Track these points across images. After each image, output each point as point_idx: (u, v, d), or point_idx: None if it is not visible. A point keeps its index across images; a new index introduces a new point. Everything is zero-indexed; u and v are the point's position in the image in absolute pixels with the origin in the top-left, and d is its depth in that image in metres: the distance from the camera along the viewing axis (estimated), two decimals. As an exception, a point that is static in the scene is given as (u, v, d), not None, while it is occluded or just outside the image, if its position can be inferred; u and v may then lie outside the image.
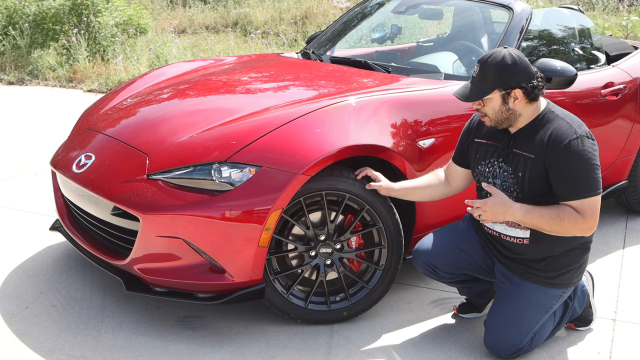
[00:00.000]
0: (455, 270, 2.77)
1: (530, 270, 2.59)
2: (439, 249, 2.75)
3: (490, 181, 2.61)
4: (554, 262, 2.57)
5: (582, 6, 11.11)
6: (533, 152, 2.48)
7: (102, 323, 2.88)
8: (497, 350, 2.64)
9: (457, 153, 2.80)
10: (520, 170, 2.50)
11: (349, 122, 2.84)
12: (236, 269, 2.65)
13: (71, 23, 8.58)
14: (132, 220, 2.71)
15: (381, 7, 4.48)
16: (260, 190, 2.61)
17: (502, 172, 2.56)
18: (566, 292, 2.63)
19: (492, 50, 2.51)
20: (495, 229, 2.63)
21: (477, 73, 2.49)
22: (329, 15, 10.49)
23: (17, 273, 3.31)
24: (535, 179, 2.47)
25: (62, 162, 3.13)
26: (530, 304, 2.58)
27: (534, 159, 2.47)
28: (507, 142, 2.56)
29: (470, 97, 2.50)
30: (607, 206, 4.43)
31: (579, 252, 2.59)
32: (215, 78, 3.60)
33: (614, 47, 4.44)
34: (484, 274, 2.78)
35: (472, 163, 2.70)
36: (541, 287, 2.58)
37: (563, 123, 2.47)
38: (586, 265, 2.65)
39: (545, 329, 2.68)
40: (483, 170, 2.64)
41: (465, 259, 2.74)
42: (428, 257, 2.76)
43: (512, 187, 2.53)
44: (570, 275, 2.60)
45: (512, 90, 2.45)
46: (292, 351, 2.71)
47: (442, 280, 2.84)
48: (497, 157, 2.59)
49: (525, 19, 3.56)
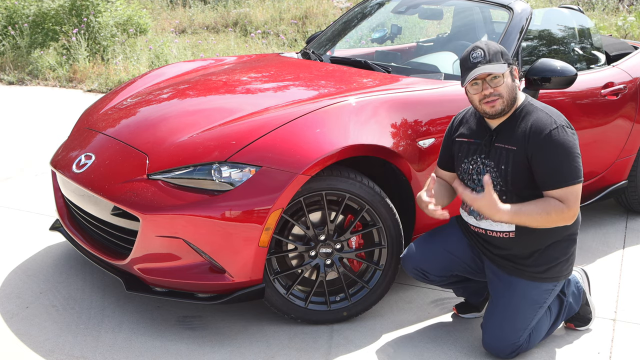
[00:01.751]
0: (445, 273, 2.79)
1: (519, 266, 2.61)
2: (427, 253, 2.77)
3: (475, 178, 2.62)
4: (541, 256, 2.59)
5: (582, 6, 11.11)
6: (515, 144, 2.51)
7: (102, 323, 2.88)
8: (496, 350, 2.65)
9: (442, 157, 2.81)
10: (502, 163, 2.53)
11: (349, 122, 2.84)
12: (236, 269, 2.65)
13: (71, 23, 8.58)
14: (132, 220, 2.71)
15: (381, 7, 4.48)
16: (260, 190, 2.61)
17: (485, 167, 2.59)
18: (558, 286, 2.65)
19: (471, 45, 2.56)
20: (480, 226, 2.64)
21: (484, 55, 2.48)
22: (329, 15, 10.49)
23: (17, 273, 3.31)
24: (518, 171, 2.51)
25: (62, 162, 3.13)
26: (523, 301, 2.60)
27: (516, 151, 2.51)
28: (489, 137, 2.59)
29: (498, 69, 2.47)
30: (607, 206, 4.43)
31: (565, 245, 2.62)
32: (215, 78, 3.60)
33: (614, 47, 4.44)
34: (474, 274, 2.79)
35: (456, 162, 2.72)
36: (532, 282, 2.60)
37: (542, 114, 2.52)
38: (574, 257, 2.68)
39: (542, 326, 2.68)
40: (467, 168, 2.65)
41: (454, 261, 2.75)
42: (417, 262, 2.78)
43: (496, 181, 2.56)
44: (559, 269, 2.62)
45: (511, 66, 2.54)
46: (292, 351, 2.71)
47: (434, 283, 2.85)
48: (480, 154, 2.61)
49: (525, 19, 3.56)
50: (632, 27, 9.32)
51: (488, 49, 2.50)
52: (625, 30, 9.32)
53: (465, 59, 2.53)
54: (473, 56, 2.50)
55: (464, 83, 2.52)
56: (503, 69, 2.49)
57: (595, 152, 3.78)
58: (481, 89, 2.51)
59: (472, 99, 2.56)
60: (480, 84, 2.51)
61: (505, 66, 2.49)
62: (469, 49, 2.53)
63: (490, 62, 2.48)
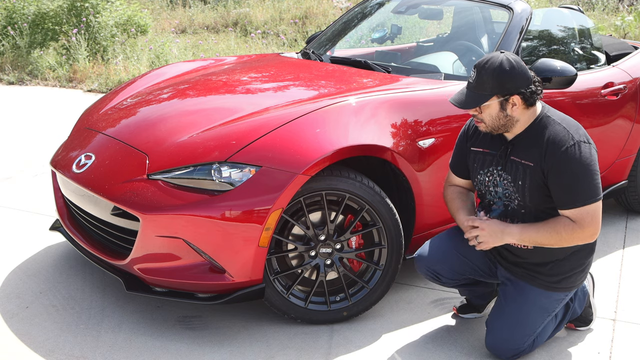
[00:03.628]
0: (457, 276, 2.76)
1: (534, 274, 2.58)
2: (441, 256, 2.73)
3: (492, 190, 2.59)
4: (558, 266, 2.55)
5: (582, 6, 11.11)
6: (531, 159, 2.45)
7: (102, 323, 2.88)
8: (499, 351, 2.64)
9: (455, 162, 2.75)
10: (520, 179, 2.48)
11: (349, 122, 2.84)
12: (236, 269, 2.65)
13: (71, 23, 8.58)
14: (132, 220, 2.71)
15: (381, 7, 4.48)
16: (260, 190, 2.61)
17: (502, 180, 2.54)
18: (569, 295, 2.63)
19: (489, 54, 2.46)
20: None
21: (473, 79, 2.43)
22: (329, 15, 10.49)
23: (17, 273, 3.31)
24: (536, 187, 2.46)
25: (62, 162, 3.13)
26: (534, 308, 2.58)
27: (533, 167, 2.44)
28: (505, 150, 2.53)
29: (467, 104, 2.44)
30: (607, 206, 4.43)
31: (583, 255, 2.57)
32: (215, 78, 3.60)
33: (614, 47, 4.44)
34: (486, 277, 2.77)
35: (472, 172, 2.68)
36: (544, 291, 2.57)
37: (559, 128, 2.44)
38: (590, 267, 2.65)
39: (546, 331, 2.67)
40: (483, 180, 2.61)
41: (467, 264, 2.73)
42: (430, 264, 2.75)
43: (514, 196, 2.52)
44: (574, 279, 2.59)
45: (510, 97, 2.41)
46: (292, 351, 2.71)
47: (446, 285, 2.83)
48: (496, 166, 2.56)
49: (525, 19, 3.56)
50: (630, 26, 9.32)
51: (481, 75, 2.40)
52: (624, 30, 9.32)
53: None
54: (471, 73, 2.46)
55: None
56: (479, 101, 2.41)
57: (595, 152, 3.77)
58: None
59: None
60: None
61: (485, 98, 2.40)
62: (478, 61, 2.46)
63: (472, 90, 2.43)
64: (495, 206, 2.61)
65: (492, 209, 2.61)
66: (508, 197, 2.54)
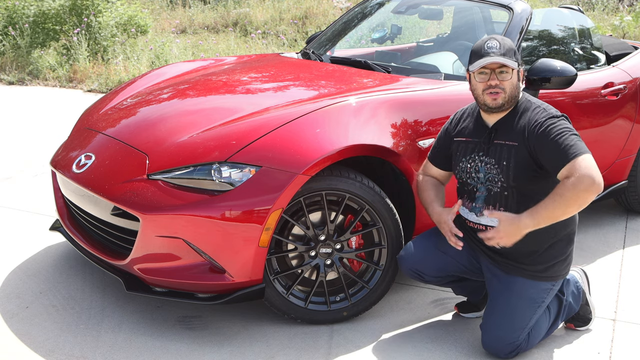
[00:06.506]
0: (440, 273, 2.80)
1: (517, 264, 2.62)
2: (423, 254, 2.77)
3: (474, 175, 2.64)
4: (540, 256, 2.60)
5: (582, 6, 11.11)
6: (515, 139, 2.54)
7: (102, 323, 2.88)
8: (495, 350, 2.65)
9: (436, 154, 2.82)
10: (504, 159, 2.55)
11: (349, 122, 2.84)
12: (236, 269, 2.65)
13: (71, 23, 8.58)
14: (132, 220, 2.71)
15: (381, 7, 4.48)
16: (260, 190, 2.61)
17: (483, 165, 2.60)
18: (556, 286, 2.66)
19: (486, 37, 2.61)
20: (481, 222, 2.63)
21: (500, 46, 2.53)
22: (329, 15, 10.49)
23: (17, 273, 3.31)
24: (521, 167, 2.52)
25: (62, 162, 3.13)
26: (521, 300, 2.60)
27: (517, 146, 2.53)
28: (488, 135, 2.61)
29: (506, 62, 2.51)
30: (607, 206, 4.43)
31: (563, 244, 2.63)
32: (215, 78, 3.60)
33: (614, 47, 4.44)
34: (470, 274, 2.80)
35: (454, 161, 2.74)
36: (530, 281, 2.61)
37: (538, 109, 2.57)
38: (572, 258, 2.69)
39: (541, 326, 2.68)
40: (464, 167, 2.67)
41: (449, 261, 2.76)
42: (412, 263, 2.79)
43: (497, 178, 2.57)
44: (557, 268, 2.63)
45: (520, 67, 2.58)
46: (292, 351, 2.71)
47: (430, 283, 2.87)
48: (478, 152, 2.63)
49: (525, 19, 3.56)
50: (629, 26, 9.31)
51: (503, 43, 2.55)
52: (623, 30, 9.32)
53: (479, 47, 2.55)
54: (488, 45, 2.54)
55: (473, 68, 2.54)
56: (514, 65, 2.53)
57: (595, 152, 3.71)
58: (488, 79, 2.54)
59: (476, 87, 2.58)
60: (489, 74, 2.54)
61: (515, 64, 2.54)
62: (485, 38, 2.58)
63: (504, 56, 2.52)
64: (479, 192, 2.64)
65: (476, 197, 2.65)
66: (491, 181, 2.59)
